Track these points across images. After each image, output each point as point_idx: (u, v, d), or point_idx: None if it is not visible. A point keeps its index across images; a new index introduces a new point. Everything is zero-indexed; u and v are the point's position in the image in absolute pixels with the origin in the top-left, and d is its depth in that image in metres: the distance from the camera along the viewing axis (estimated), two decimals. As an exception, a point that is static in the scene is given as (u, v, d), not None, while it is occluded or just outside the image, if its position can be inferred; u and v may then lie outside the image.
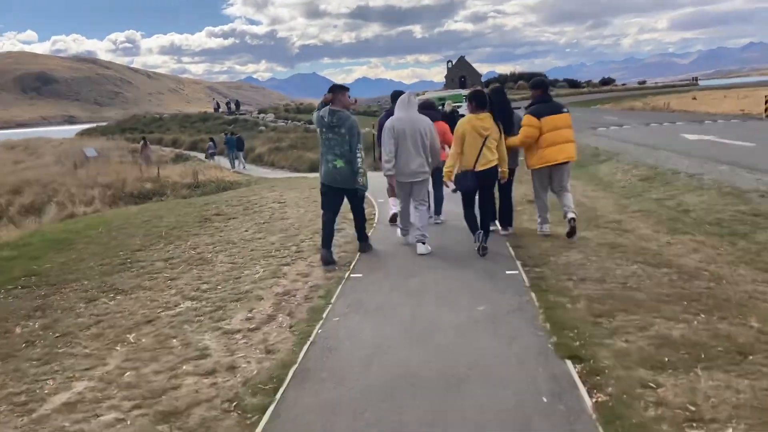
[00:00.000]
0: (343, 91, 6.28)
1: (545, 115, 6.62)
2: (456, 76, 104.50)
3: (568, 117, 6.76)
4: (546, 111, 6.66)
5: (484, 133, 6.04)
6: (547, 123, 6.59)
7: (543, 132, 6.59)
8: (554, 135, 6.61)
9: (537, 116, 6.63)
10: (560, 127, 6.65)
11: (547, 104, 6.77)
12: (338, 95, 6.21)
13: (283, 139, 35.10)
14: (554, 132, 6.61)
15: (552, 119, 6.62)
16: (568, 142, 6.76)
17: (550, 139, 6.62)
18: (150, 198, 19.63)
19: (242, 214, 9.72)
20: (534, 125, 6.60)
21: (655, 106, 46.47)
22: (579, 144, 19.90)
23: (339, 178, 6.22)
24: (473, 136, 6.03)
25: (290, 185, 14.09)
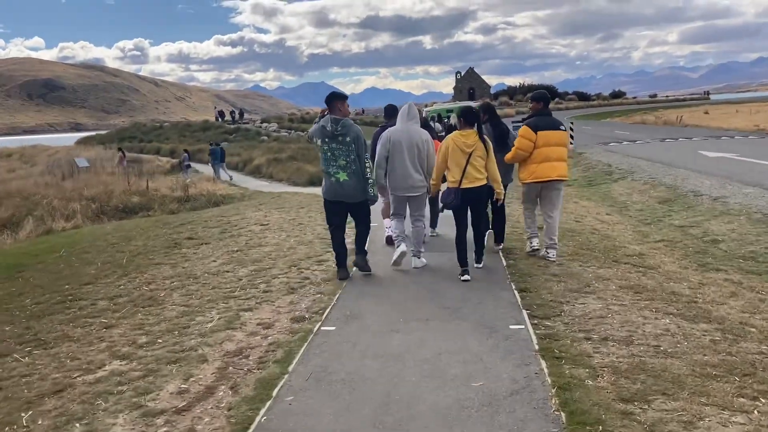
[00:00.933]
0: (342, 99, 5.97)
1: (542, 129, 6.45)
2: (465, 87, 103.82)
3: (564, 135, 6.58)
4: (543, 125, 6.49)
5: (467, 150, 5.91)
6: (542, 137, 6.42)
7: (537, 146, 6.43)
8: (548, 151, 6.45)
9: (534, 129, 6.46)
10: (554, 144, 6.48)
11: (546, 118, 6.60)
12: (337, 104, 5.90)
13: (284, 150, 34.18)
14: (548, 148, 6.45)
15: (547, 134, 6.45)
16: (560, 160, 6.55)
17: (543, 155, 6.45)
18: (136, 212, 18.71)
19: (217, 239, 8.72)
20: (529, 137, 6.44)
21: (668, 121, 45.46)
22: (590, 160, 18.90)
23: (342, 192, 5.93)
24: (457, 152, 5.93)
25: (280, 203, 13.10)
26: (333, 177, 5.90)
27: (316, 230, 8.90)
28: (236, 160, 32.84)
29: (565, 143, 6.69)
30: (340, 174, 5.86)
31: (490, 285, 5.69)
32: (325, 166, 5.94)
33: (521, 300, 5.17)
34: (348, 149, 5.83)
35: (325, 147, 5.88)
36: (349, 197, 5.95)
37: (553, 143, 6.49)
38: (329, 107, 5.96)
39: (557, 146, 6.53)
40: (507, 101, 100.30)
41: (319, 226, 9.17)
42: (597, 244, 7.79)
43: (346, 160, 5.84)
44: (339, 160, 5.84)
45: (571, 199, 12.80)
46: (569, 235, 8.13)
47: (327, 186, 6.01)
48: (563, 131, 6.63)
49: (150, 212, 18.57)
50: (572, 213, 10.55)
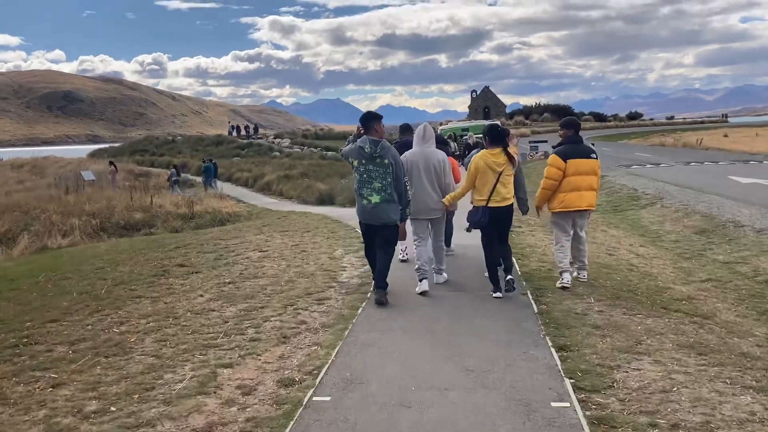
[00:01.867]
0: (378, 120, 5.92)
1: (572, 158, 6.26)
2: (480, 106, 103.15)
3: (595, 164, 6.37)
4: (573, 153, 6.30)
5: (497, 169, 5.87)
6: (571, 166, 6.24)
7: (566, 175, 6.25)
8: (578, 180, 6.26)
9: (563, 157, 6.28)
10: (584, 172, 6.28)
11: (576, 146, 6.39)
12: (374, 125, 5.82)
13: (296, 167, 33.45)
14: (578, 177, 6.26)
15: (577, 163, 6.26)
16: (590, 189, 6.37)
17: (572, 184, 6.26)
18: (138, 229, 17.93)
19: (209, 267, 7.85)
20: (558, 166, 6.27)
21: (687, 143, 44.35)
22: (614, 184, 17.89)
23: (373, 215, 5.82)
24: (487, 171, 5.88)
25: (285, 225, 12.23)
26: (365, 199, 5.80)
27: (319, 260, 8.00)
28: (246, 176, 32.13)
29: (596, 172, 6.44)
30: (374, 196, 5.76)
31: (521, 337, 4.74)
32: (359, 187, 5.85)
33: (561, 363, 4.22)
34: (385, 171, 5.73)
35: (361, 168, 5.77)
36: (380, 220, 5.82)
37: (583, 172, 6.28)
38: (365, 128, 5.84)
39: (587, 175, 6.31)
40: (522, 121, 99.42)
41: (324, 255, 8.28)
42: (638, 284, 6.82)
43: (381, 182, 5.73)
44: (374, 182, 5.74)
45: (599, 227, 11.82)
46: (605, 272, 7.17)
47: (360, 208, 5.94)
48: (594, 159, 6.38)
49: (152, 229, 17.80)
50: (603, 244, 9.58)
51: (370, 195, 5.77)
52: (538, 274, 6.92)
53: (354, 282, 6.72)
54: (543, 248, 8.52)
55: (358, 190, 5.88)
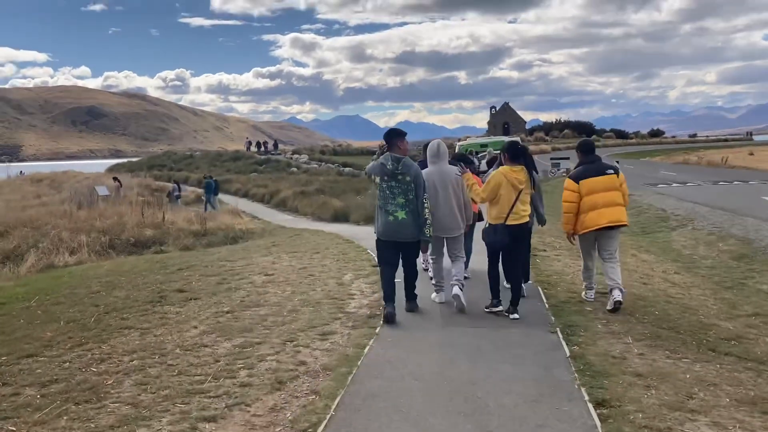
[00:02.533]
0: (402, 137, 5.95)
1: (585, 178, 6.32)
2: (499, 122, 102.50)
3: (612, 179, 6.32)
4: (585, 173, 6.35)
5: (518, 186, 5.87)
6: (585, 186, 6.29)
7: (582, 195, 6.29)
8: (594, 198, 6.26)
9: (575, 179, 6.37)
10: (599, 190, 6.26)
11: (590, 166, 6.42)
12: (398, 141, 5.88)
13: (312, 183, 33.04)
14: (594, 195, 6.26)
15: (591, 182, 6.28)
16: (611, 205, 6.27)
17: (589, 203, 6.27)
18: (148, 247, 17.48)
19: (209, 293, 7.29)
20: (572, 189, 6.36)
21: (711, 161, 43.23)
22: (640, 204, 17.10)
23: (399, 231, 5.80)
24: (508, 188, 5.85)
25: (295, 244, 11.68)
26: (391, 215, 5.78)
27: (327, 285, 7.41)
28: (263, 191, 31.78)
29: (616, 186, 6.33)
30: (399, 212, 5.75)
31: (552, 389, 4.10)
32: (383, 203, 5.83)
33: (601, 424, 3.57)
34: (407, 188, 5.74)
35: (383, 185, 5.80)
36: (405, 236, 5.83)
37: (599, 189, 6.27)
38: (389, 144, 5.89)
39: (605, 191, 6.28)
40: (542, 137, 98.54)
41: (332, 280, 7.69)
42: (678, 319, 6.13)
43: (405, 198, 5.75)
44: (398, 198, 5.76)
45: (628, 251, 11.11)
46: (641, 305, 6.49)
47: (383, 224, 5.86)
48: (610, 175, 6.33)
49: (163, 247, 17.37)
50: (635, 270, 8.88)
51: (395, 211, 5.77)
52: (567, 308, 6.26)
53: (362, 313, 6.12)
54: (571, 276, 7.86)
55: (382, 206, 5.85)
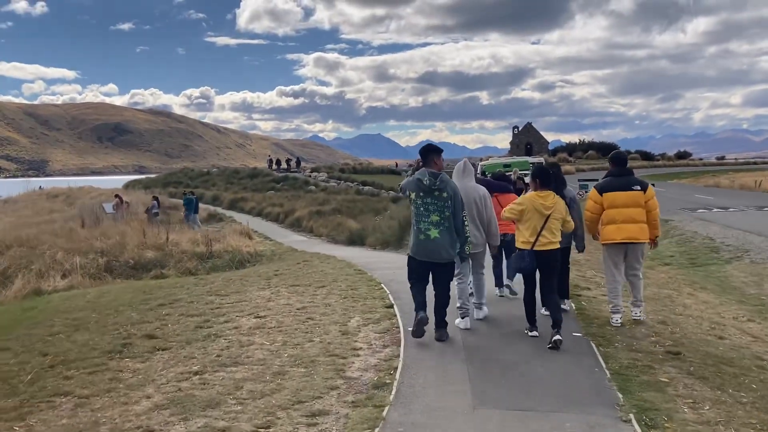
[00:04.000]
0: (438, 153, 5.89)
1: (609, 191, 6.36)
2: (522, 142, 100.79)
3: (636, 195, 6.28)
4: (610, 186, 6.38)
5: (545, 212, 5.76)
6: (607, 199, 6.34)
7: (604, 208, 6.35)
8: (613, 213, 6.29)
9: (599, 190, 6.44)
10: (620, 205, 6.27)
11: (617, 179, 6.42)
12: (434, 158, 5.82)
13: (329, 202, 31.75)
14: (614, 210, 6.29)
15: (614, 196, 6.31)
16: (629, 222, 6.27)
17: (608, 216, 6.34)
18: (149, 270, 16.29)
19: (183, 342, 5.97)
20: (594, 199, 6.46)
21: (744, 185, 41.04)
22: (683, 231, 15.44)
23: (431, 250, 5.64)
24: (534, 214, 5.77)
25: (299, 275, 10.34)
26: (423, 234, 5.66)
27: (328, 334, 6.03)
28: (277, 210, 30.54)
29: (640, 203, 6.28)
30: (432, 230, 5.63)
31: None
32: (416, 221, 5.72)
33: None
34: (444, 205, 5.63)
35: (418, 201, 5.66)
36: (437, 256, 5.65)
37: (619, 204, 6.26)
38: (424, 160, 5.82)
39: (625, 207, 6.26)
40: (566, 158, 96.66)
41: (335, 326, 6.31)
42: (756, 381, 4.66)
43: (440, 216, 5.62)
44: (432, 216, 5.62)
45: (683, 288, 9.61)
46: (729, 373, 4.99)
47: (415, 243, 5.75)
48: (636, 191, 6.28)
49: (164, 270, 16.19)
50: (701, 317, 7.38)
51: (427, 229, 5.62)
52: (633, 375, 4.78)
53: (367, 379, 4.73)
54: (629, 326, 6.38)
55: (415, 224, 5.72)
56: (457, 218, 5.68)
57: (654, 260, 12.97)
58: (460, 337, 5.81)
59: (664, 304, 7.91)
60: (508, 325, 6.28)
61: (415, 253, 5.75)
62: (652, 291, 8.95)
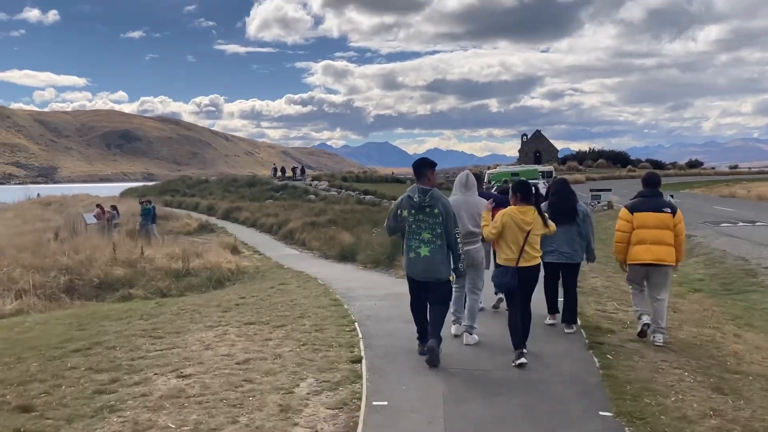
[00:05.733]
0: (432, 167, 5.70)
1: (640, 211, 6.34)
2: (531, 150, 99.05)
3: (665, 217, 6.25)
4: (641, 206, 6.38)
5: (525, 227, 5.65)
6: (637, 219, 6.31)
7: (634, 227, 6.32)
8: (643, 233, 6.25)
9: (630, 210, 6.43)
10: (650, 226, 6.24)
11: (648, 200, 6.42)
12: (427, 172, 5.61)
13: (326, 212, 30.14)
14: (644, 230, 6.26)
15: (644, 216, 6.28)
16: (658, 243, 6.19)
17: (638, 237, 6.29)
18: (116, 289, 14.71)
19: (61, 421, 4.35)
20: (625, 218, 6.42)
21: (762, 195, 39.03)
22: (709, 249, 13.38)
23: (421, 268, 5.49)
24: (514, 230, 5.67)
25: (263, 306, 8.72)
26: (413, 252, 5.53)
27: (263, 410, 4.38)
28: (271, 221, 28.90)
29: (669, 226, 6.24)
30: (422, 248, 5.49)
31: None
32: (408, 239, 5.58)
33: None
34: (435, 222, 5.47)
35: (410, 219, 5.53)
36: (428, 274, 5.48)
37: (650, 225, 6.24)
38: (417, 175, 5.63)
39: (655, 228, 6.24)
40: (576, 166, 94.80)
41: (275, 396, 4.66)
42: None
43: (431, 233, 5.48)
44: (423, 234, 5.49)
45: (725, 327, 7.92)
46: None
47: (408, 261, 5.63)
48: (666, 213, 6.27)
49: (133, 290, 14.63)
50: (762, 375, 5.69)
51: (418, 247, 5.52)
52: None
53: None
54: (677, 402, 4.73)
55: (406, 242, 5.62)
56: (449, 235, 5.50)
57: (682, 285, 11.28)
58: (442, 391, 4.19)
59: (710, 354, 6.25)
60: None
61: (409, 272, 5.63)
62: (690, 331, 7.29)
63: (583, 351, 5.94)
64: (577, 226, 6.64)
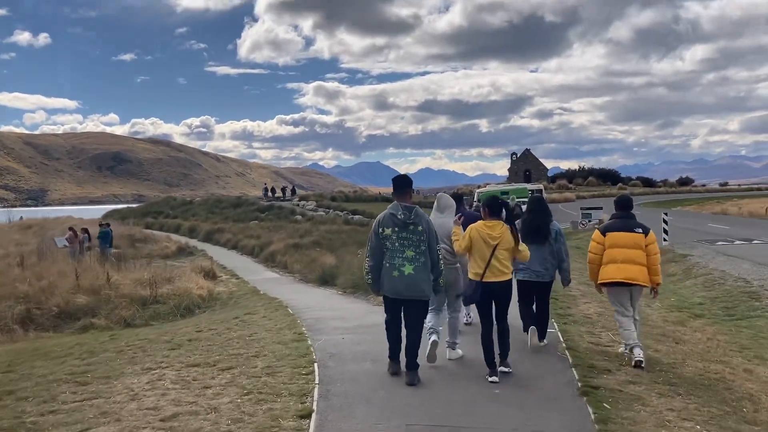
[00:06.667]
0: (411, 186, 5.75)
1: (612, 231, 6.40)
2: (521, 169, 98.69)
3: (637, 237, 6.30)
4: (614, 227, 6.44)
5: (491, 242, 5.62)
6: (610, 239, 6.36)
7: (605, 247, 6.36)
8: (614, 252, 6.30)
9: (602, 231, 6.50)
10: (622, 245, 6.28)
11: (620, 221, 6.47)
12: (409, 191, 5.70)
13: (311, 233, 29.27)
14: (615, 249, 6.30)
15: (616, 236, 6.34)
16: (630, 263, 6.23)
17: (609, 256, 6.32)
18: (78, 318, 13.74)
19: None
20: (597, 240, 6.47)
21: (753, 212, 38.49)
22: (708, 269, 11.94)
23: (406, 286, 5.39)
24: (480, 244, 5.64)
25: (216, 343, 7.77)
26: (397, 270, 5.39)
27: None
28: (253, 243, 27.94)
29: (640, 246, 6.27)
30: (406, 266, 5.39)
31: None
32: (390, 257, 5.43)
33: None
34: (419, 239, 5.45)
35: (393, 236, 5.44)
36: (411, 292, 5.40)
37: (621, 244, 6.29)
38: (399, 193, 5.63)
39: (627, 248, 6.27)
40: (566, 185, 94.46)
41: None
42: None
43: (415, 251, 5.43)
44: (407, 251, 5.42)
45: (733, 360, 7.06)
46: None
47: (388, 280, 5.44)
48: (637, 233, 6.32)
49: (95, 319, 13.66)
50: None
51: (402, 265, 5.39)
52: None
53: None
54: None
55: (389, 260, 5.42)
56: (432, 252, 5.51)
57: (683, 310, 10.44)
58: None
59: (723, 398, 5.38)
60: None
61: (390, 292, 5.48)
62: (696, 367, 6.44)
63: (575, 398, 5.07)
64: (550, 246, 6.67)
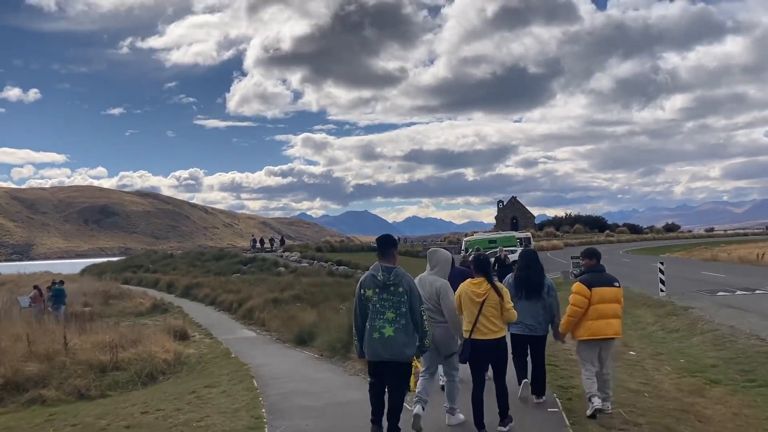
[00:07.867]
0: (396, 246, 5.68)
1: (596, 286, 6.41)
2: (507, 216, 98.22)
3: (618, 291, 6.54)
4: (597, 281, 6.46)
5: (477, 299, 5.72)
6: (596, 294, 6.37)
7: (592, 303, 6.34)
8: (603, 308, 6.37)
9: (588, 285, 6.40)
10: (608, 300, 6.41)
11: (600, 275, 6.54)
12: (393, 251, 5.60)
13: (293, 287, 28.01)
14: (603, 305, 6.37)
15: (602, 291, 6.41)
16: (615, 317, 6.48)
17: (598, 312, 6.35)
18: (26, 390, 12.42)
19: None
20: (584, 294, 6.38)
21: (743, 258, 37.61)
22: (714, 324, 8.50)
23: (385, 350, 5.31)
24: (468, 302, 5.76)
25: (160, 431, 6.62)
26: (377, 332, 5.34)
27: None
28: (232, 298, 26.60)
29: (619, 300, 6.51)
30: (387, 328, 5.32)
31: None
32: (370, 319, 5.39)
33: None
34: (400, 300, 5.36)
35: (374, 298, 5.39)
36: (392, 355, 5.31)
37: (608, 300, 6.38)
38: (382, 253, 5.55)
39: (612, 303, 6.41)
40: (553, 232, 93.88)
41: None
42: None
43: (395, 312, 5.34)
44: (387, 313, 5.35)
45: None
46: None
47: (369, 342, 5.38)
48: (617, 287, 6.51)
49: (45, 390, 12.33)
50: None
51: (382, 327, 5.34)
52: None
53: None
54: None
55: (369, 323, 5.38)
56: (415, 313, 5.40)
57: (696, 375, 9.35)
58: None
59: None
60: None
61: (370, 355, 5.41)
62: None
63: None
64: (543, 300, 6.70)
